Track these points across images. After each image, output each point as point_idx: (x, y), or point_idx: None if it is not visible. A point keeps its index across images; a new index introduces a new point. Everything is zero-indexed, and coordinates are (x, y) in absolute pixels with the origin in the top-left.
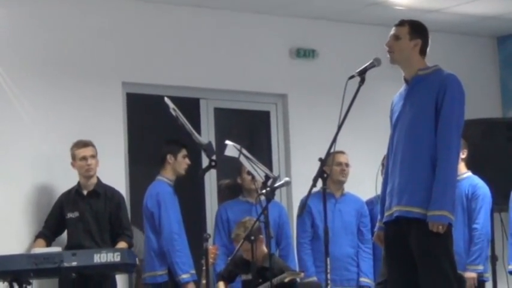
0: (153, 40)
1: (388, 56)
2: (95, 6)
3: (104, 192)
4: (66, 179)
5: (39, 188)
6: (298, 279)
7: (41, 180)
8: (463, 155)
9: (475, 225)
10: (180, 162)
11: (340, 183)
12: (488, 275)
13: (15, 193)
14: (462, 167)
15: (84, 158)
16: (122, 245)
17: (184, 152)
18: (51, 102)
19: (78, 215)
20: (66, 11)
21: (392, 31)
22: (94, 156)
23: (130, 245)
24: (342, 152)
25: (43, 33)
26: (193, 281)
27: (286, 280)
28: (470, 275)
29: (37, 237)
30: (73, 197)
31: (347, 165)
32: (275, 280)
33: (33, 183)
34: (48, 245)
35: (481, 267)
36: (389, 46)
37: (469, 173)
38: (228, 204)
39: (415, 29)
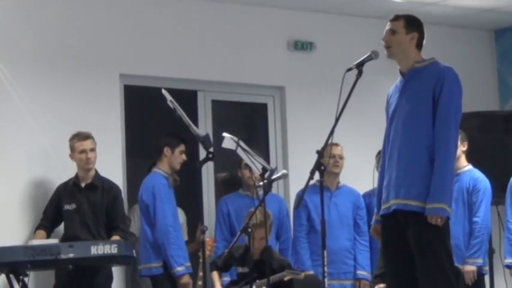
0: (150, 32)
1: (386, 51)
2: None
3: (101, 185)
4: (64, 171)
5: (36, 180)
6: None
7: (38, 172)
8: (464, 147)
9: (475, 219)
10: (176, 157)
11: (334, 176)
12: (488, 268)
13: (13, 185)
14: (463, 160)
15: (84, 151)
16: (115, 238)
17: (182, 147)
18: (49, 95)
19: (75, 207)
20: (64, 4)
21: (388, 26)
22: (93, 150)
23: (124, 239)
24: (335, 144)
25: (40, 26)
26: (189, 273)
27: (286, 279)
28: (469, 268)
29: (37, 228)
30: (70, 189)
31: (340, 157)
32: (274, 277)
33: (31, 175)
34: (48, 236)
35: (480, 261)
36: (386, 41)
37: (470, 166)
38: (228, 197)
39: (411, 23)
